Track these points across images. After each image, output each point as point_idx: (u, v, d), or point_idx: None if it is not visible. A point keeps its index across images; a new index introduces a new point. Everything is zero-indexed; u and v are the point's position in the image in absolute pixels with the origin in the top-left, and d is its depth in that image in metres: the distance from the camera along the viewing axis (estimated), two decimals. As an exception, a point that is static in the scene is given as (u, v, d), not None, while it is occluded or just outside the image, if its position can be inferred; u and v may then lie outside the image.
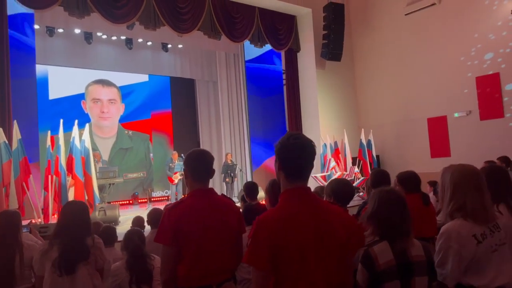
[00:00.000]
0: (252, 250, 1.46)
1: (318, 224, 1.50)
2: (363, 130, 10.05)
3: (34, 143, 7.50)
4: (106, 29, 9.01)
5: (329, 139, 9.77)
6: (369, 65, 11.14)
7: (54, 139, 6.85)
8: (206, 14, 8.74)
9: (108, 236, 3.45)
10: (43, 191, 6.49)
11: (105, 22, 7.60)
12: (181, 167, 8.70)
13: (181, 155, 9.00)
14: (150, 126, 11.57)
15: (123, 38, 10.13)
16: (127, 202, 10.73)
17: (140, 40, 10.26)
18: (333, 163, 9.30)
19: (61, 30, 9.19)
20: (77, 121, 6.77)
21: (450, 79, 9.35)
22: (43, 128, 8.27)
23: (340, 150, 9.87)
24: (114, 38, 10.09)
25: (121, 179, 8.67)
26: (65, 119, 6.88)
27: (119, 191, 9.83)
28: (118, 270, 2.90)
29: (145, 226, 4.28)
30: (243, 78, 11.42)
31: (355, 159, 9.95)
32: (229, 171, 9.64)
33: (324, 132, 10.09)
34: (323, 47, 10.39)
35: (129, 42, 10.26)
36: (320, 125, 10.34)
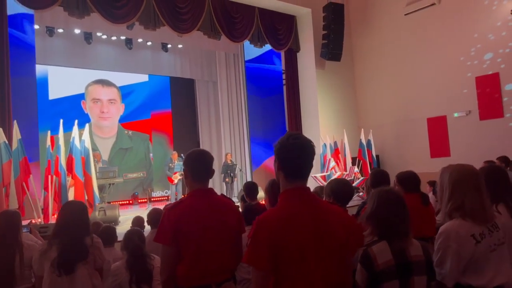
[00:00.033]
0: (251, 250, 1.46)
1: (317, 224, 1.50)
2: (363, 130, 10.06)
3: (34, 143, 7.50)
4: (106, 29, 9.02)
5: (328, 139, 9.78)
6: (368, 65, 11.14)
7: (54, 139, 6.85)
8: (206, 14, 8.74)
9: (108, 236, 3.46)
10: (43, 191, 6.49)
11: (105, 22, 7.60)
12: (180, 167, 8.70)
13: (180, 155, 9.00)
14: (150, 126, 11.57)
15: (123, 38, 10.13)
16: (127, 202, 10.72)
17: (140, 40, 10.26)
18: (332, 163, 9.31)
19: (61, 30, 9.19)
20: (77, 121, 6.78)
21: (450, 79, 9.35)
22: (43, 128, 8.27)
23: (340, 150, 9.88)
24: (114, 38, 10.10)
25: (121, 179, 8.68)
26: (65, 119, 6.88)
27: (119, 191, 9.83)
28: (118, 270, 2.91)
29: (145, 226, 4.29)
30: (243, 78, 11.42)
31: (355, 159, 9.96)
32: (229, 171, 9.64)
33: (324, 132, 10.09)
34: (323, 47, 10.40)
35: (129, 42, 10.26)
36: (320, 125, 10.34)
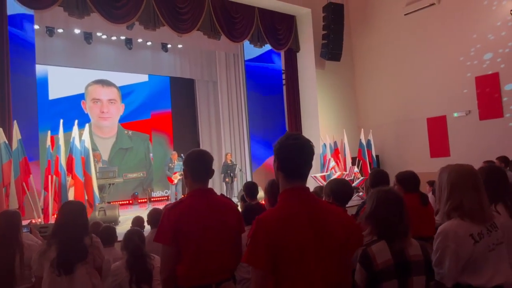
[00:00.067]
0: (251, 250, 1.47)
1: (316, 224, 1.50)
2: (363, 130, 10.06)
3: (34, 143, 7.50)
4: (106, 29, 9.02)
5: (328, 139, 9.79)
6: (368, 65, 11.15)
7: (54, 139, 6.85)
8: (205, 14, 8.74)
9: (108, 236, 3.47)
10: (43, 191, 6.49)
11: (105, 22, 7.61)
12: (180, 167, 8.71)
13: (180, 155, 9.01)
14: (150, 126, 11.57)
15: (123, 38, 10.13)
16: (127, 202, 10.73)
17: (139, 40, 10.26)
18: (332, 163, 9.32)
19: (61, 30, 9.19)
20: (77, 121, 6.77)
21: (450, 79, 9.35)
22: (43, 128, 8.27)
23: (339, 150, 9.89)
24: (114, 38, 10.10)
25: (121, 179, 8.68)
26: (65, 119, 6.88)
27: (119, 191, 9.83)
28: (118, 270, 2.92)
29: (144, 226, 4.30)
30: (243, 78, 11.43)
31: (355, 159, 9.96)
32: (228, 171, 9.64)
33: (323, 132, 10.10)
34: (323, 47, 10.40)
35: (128, 42, 10.26)
36: (319, 125, 10.34)
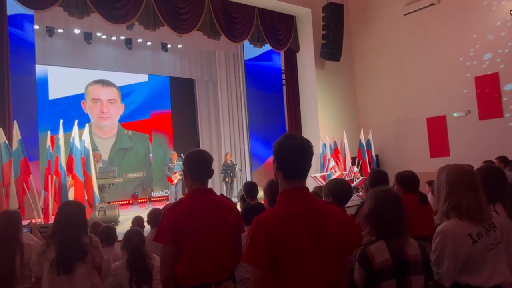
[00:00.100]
0: (250, 249, 1.48)
1: (316, 224, 1.51)
2: (363, 130, 10.08)
3: (34, 143, 7.51)
4: (105, 29, 9.02)
5: (328, 139, 9.79)
6: (368, 65, 11.15)
7: (54, 139, 6.86)
8: (205, 14, 8.75)
9: (108, 235, 3.48)
10: (43, 191, 6.50)
11: (104, 22, 7.61)
12: (180, 167, 8.71)
13: (180, 155, 9.01)
14: (150, 126, 11.58)
15: (123, 38, 10.14)
16: (127, 202, 10.73)
17: (139, 40, 10.26)
18: (332, 163, 9.33)
19: (61, 30, 9.20)
20: (77, 121, 6.78)
21: (449, 79, 9.36)
22: (43, 128, 8.28)
23: (339, 150, 9.90)
24: (113, 38, 10.10)
25: (120, 179, 8.70)
26: (65, 119, 6.89)
27: (119, 191, 9.84)
28: (118, 270, 2.93)
29: (144, 226, 4.30)
30: (243, 78, 11.44)
31: (355, 159, 9.97)
32: (228, 171, 9.65)
33: (323, 132, 10.11)
34: (323, 47, 10.40)
35: (128, 42, 10.27)
36: (319, 125, 10.35)
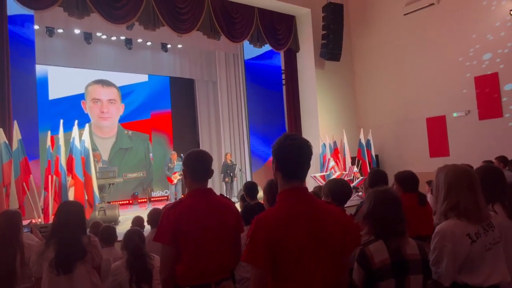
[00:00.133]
0: (250, 249, 1.48)
1: (315, 224, 1.52)
2: (362, 130, 10.08)
3: (34, 143, 7.51)
4: (105, 29, 9.03)
5: (328, 139, 9.80)
6: (368, 65, 11.16)
7: (54, 139, 6.87)
8: (205, 14, 8.76)
9: (108, 235, 3.48)
10: (43, 191, 6.50)
11: (104, 22, 7.62)
12: (180, 167, 8.72)
13: (180, 155, 9.02)
14: (150, 126, 11.58)
15: (123, 38, 10.14)
16: (127, 202, 10.74)
17: (139, 40, 10.27)
18: (332, 163, 9.33)
19: (61, 31, 9.21)
20: (77, 121, 6.79)
21: (449, 79, 9.36)
22: (43, 128, 8.29)
23: (339, 149, 9.90)
24: (113, 38, 10.11)
25: (120, 179, 8.71)
26: (65, 119, 6.89)
27: (119, 191, 9.85)
28: (118, 269, 2.93)
29: (144, 226, 4.31)
30: (243, 78, 11.45)
31: (354, 159, 9.98)
32: (228, 171, 9.66)
33: (323, 132, 10.11)
34: (322, 47, 10.41)
35: (128, 42, 10.27)
36: (319, 125, 10.36)
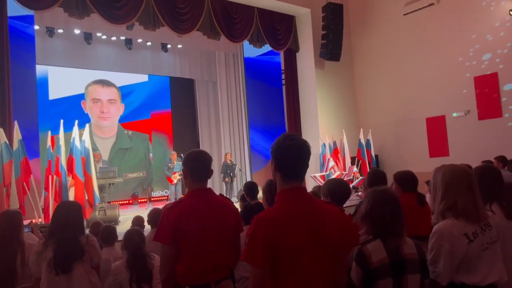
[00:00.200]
0: (250, 248, 1.49)
1: (314, 224, 1.53)
2: (362, 130, 10.09)
3: (34, 144, 7.53)
4: (105, 29, 9.04)
5: (328, 139, 9.81)
6: (368, 65, 11.17)
7: (54, 139, 6.88)
8: (205, 15, 8.76)
9: (108, 235, 3.49)
10: (44, 191, 6.52)
11: (104, 22, 7.63)
12: (180, 168, 8.73)
13: (180, 155, 9.03)
14: (150, 126, 11.59)
15: (123, 38, 10.15)
16: (127, 202, 10.75)
17: (139, 40, 10.28)
18: (332, 163, 9.34)
19: (61, 31, 9.22)
20: (77, 121, 6.80)
21: (449, 79, 9.37)
22: (44, 128, 8.30)
23: (339, 149, 9.91)
24: (113, 38, 10.12)
25: (121, 179, 8.71)
26: (65, 119, 6.90)
27: (119, 191, 9.85)
28: (118, 269, 2.95)
29: (144, 225, 4.32)
30: (243, 78, 11.45)
31: (354, 159, 9.99)
32: (228, 171, 9.67)
33: (323, 132, 10.12)
34: (322, 47, 10.41)
35: (128, 43, 10.28)
36: (319, 125, 10.36)
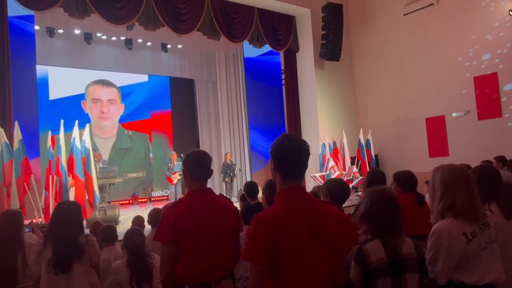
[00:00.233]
0: (250, 247, 1.50)
1: (314, 223, 1.54)
2: (362, 129, 10.09)
3: (35, 144, 7.55)
4: (106, 29, 9.04)
5: (328, 139, 9.81)
6: (367, 65, 11.17)
7: (55, 139, 6.90)
8: (205, 15, 8.77)
9: (108, 235, 3.50)
10: (44, 191, 6.53)
11: (105, 23, 7.63)
12: (180, 167, 8.74)
13: (180, 155, 9.04)
14: (150, 126, 11.60)
15: (123, 38, 10.15)
16: (127, 201, 10.76)
17: (139, 40, 10.29)
18: (331, 163, 9.35)
19: (61, 31, 9.23)
20: (77, 121, 6.82)
21: (449, 79, 9.38)
22: (44, 128, 8.31)
23: (339, 149, 9.91)
24: (113, 38, 10.13)
25: (121, 179, 8.72)
26: (65, 120, 6.92)
27: (119, 191, 9.87)
28: (118, 269, 2.96)
29: (145, 225, 4.33)
30: (243, 78, 11.46)
31: (354, 159, 9.99)
32: (228, 171, 9.68)
33: (323, 131, 10.12)
34: (322, 47, 10.42)
35: (128, 43, 10.28)
36: (319, 125, 10.37)
